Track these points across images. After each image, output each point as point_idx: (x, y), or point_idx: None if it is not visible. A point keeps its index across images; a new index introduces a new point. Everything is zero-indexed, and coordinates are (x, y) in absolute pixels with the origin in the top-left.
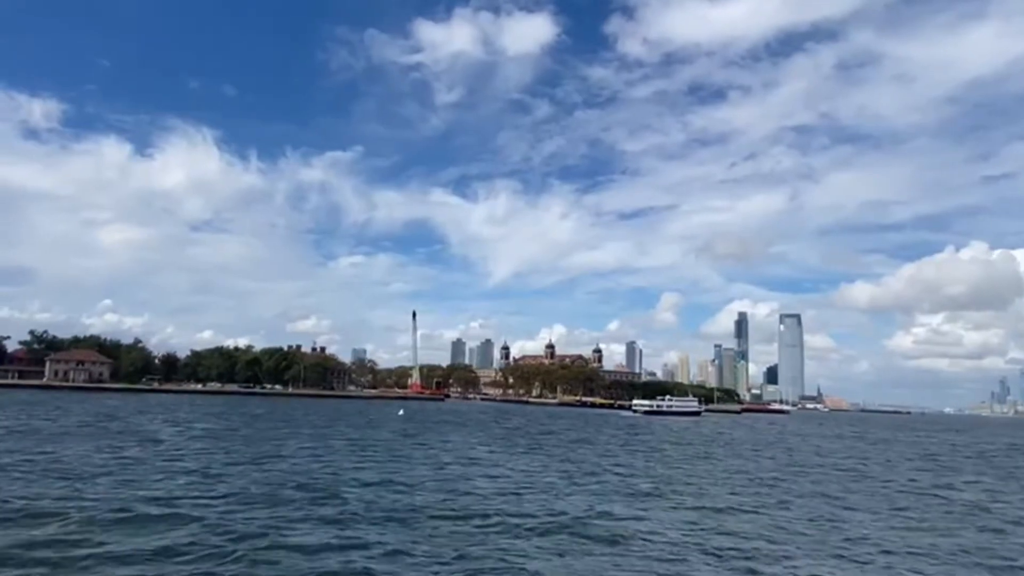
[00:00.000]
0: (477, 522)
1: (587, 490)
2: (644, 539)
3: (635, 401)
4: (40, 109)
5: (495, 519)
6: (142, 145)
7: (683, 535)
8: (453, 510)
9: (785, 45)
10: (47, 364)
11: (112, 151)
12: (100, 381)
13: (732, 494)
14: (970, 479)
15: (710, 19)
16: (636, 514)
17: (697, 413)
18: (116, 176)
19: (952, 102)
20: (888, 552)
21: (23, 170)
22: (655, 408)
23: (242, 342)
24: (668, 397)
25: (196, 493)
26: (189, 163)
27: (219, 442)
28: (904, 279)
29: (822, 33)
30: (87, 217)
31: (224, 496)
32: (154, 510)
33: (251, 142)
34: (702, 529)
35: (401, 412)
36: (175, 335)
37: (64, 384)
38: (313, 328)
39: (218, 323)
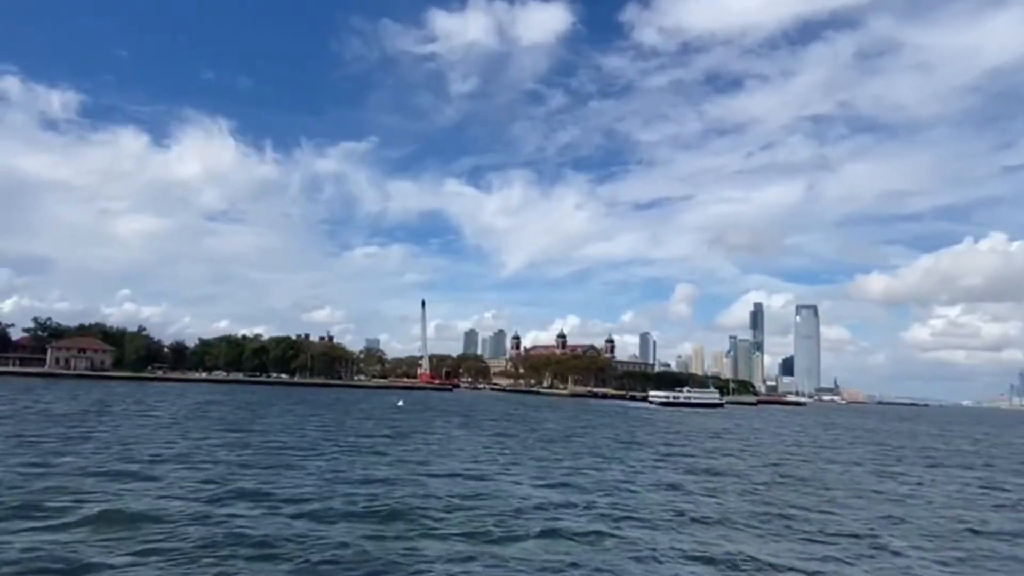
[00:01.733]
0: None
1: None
2: None
3: (651, 392)
4: (58, 100)
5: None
6: (159, 136)
7: None
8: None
9: (803, 33)
10: (48, 352)
11: (129, 142)
12: (103, 369)
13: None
14: None
15: (727, 7)
16: None
17: (719, 405)
18: (133, 166)
19: (973, 91)
20: None
21: (41, 160)
22: (672, 399)
23: (258, 332)
24: (686, 388)
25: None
26: (205, 154)
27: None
28: (921, 270)
29: (841, 21)
30: (104, 207)
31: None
32: None
33: (266, 133)
34: None
35: (401, 403)
36: (192, 324)
37: (65, 372)
38: (327, 318)
39: (234, 313)
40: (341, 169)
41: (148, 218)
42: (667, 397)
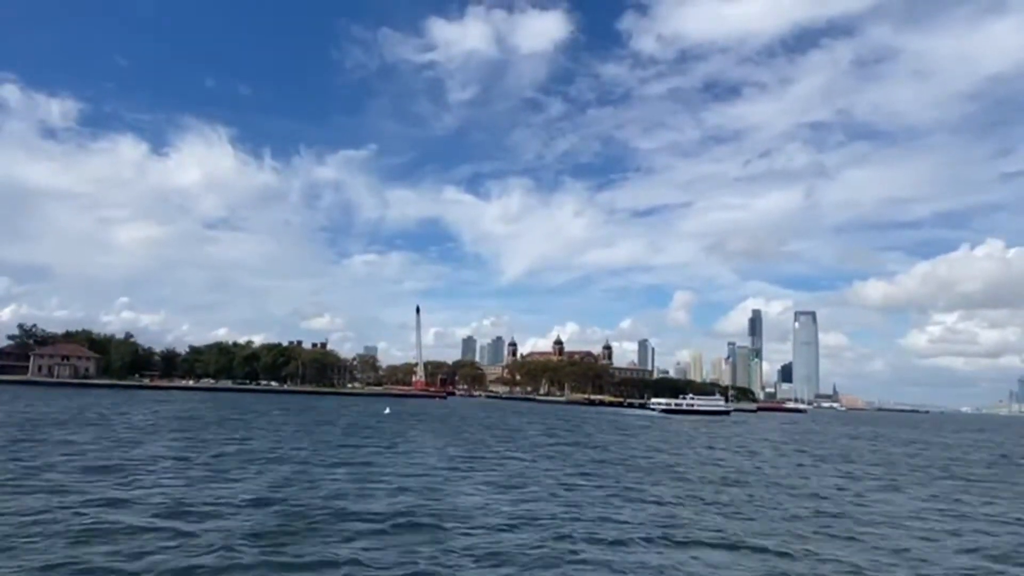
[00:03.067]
0: None
1: None
2: None
3: (653, 399)
4: (58, 108)
5: None
6: (158, 144)
7: None
8: None
9: (801, 41)
10: (31, 359)
11: (129, 150)
12: (86, 377)
13: None
14: None
15: (725, 16)
16: None
17: (726, 412)
18: (133, 174)
19: (971, 98)
20: None
21: (41, 169)
22: (674, 407)
23: (253, 339)
24: (690, 395)
25: None
26: (204, 161)
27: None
28: (918, 277)
29: (839, 29)
30: (104, 215)
31: None
32: None
33: (266, 140)
34: None
35: (387, 411)
36: (191, 332)
37: (47, 380)
38: (327, 325)
39: (233, 320)
40: (340, 177)
41: (147, 226)
42: (668, 404)
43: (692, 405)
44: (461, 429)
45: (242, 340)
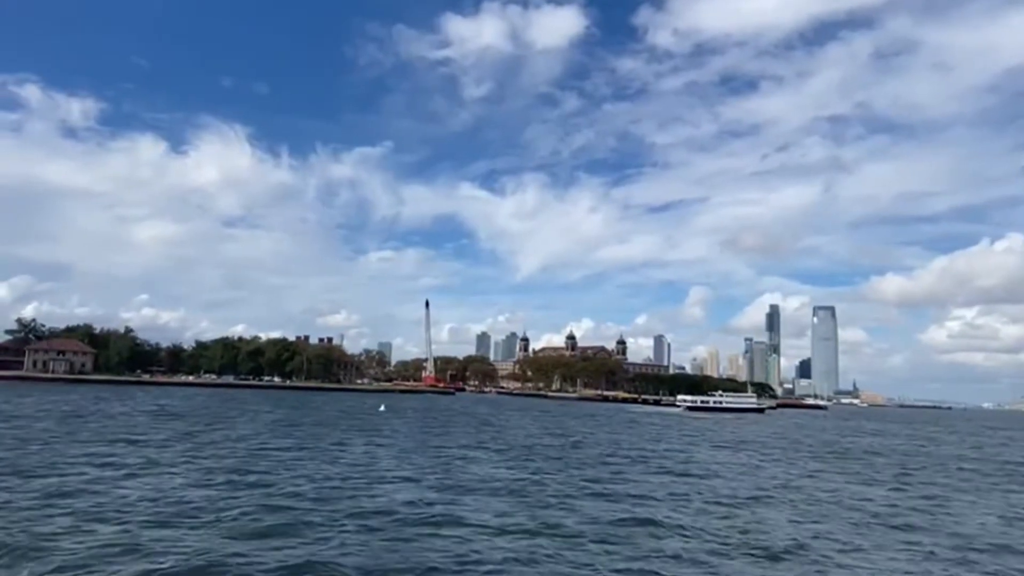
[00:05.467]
0: None
1: None
2: None
3: (678, 396)
4: (78, 108)
5: None
6: (176, 142)
7: None
8: None
9: (819, 34)
10: (26, 354)
11: (147, 149)
12: (82, 372)
13: None
14: None
15: (742, 9)
16: None
17: (758, 410)
18: (151, 173)
19: (991, 90)
20: None
21: (62, 168)
22: (700, 404)
23: (275, 336)
24: (718, 392)
25: None
26: (222, 160)
27: None
28: (937, 272)
29: (858, 21)
30: (123, 214)
31: None
32: None
33: (282, 139)
34: None
35: (383, 408)
36: (209, 329)
37: (41, 376)
38: (343, 322)
39: (251, 317)
40: (356, 174)
41: (166, 224)
42: (695, 402)
43: (720, 402)
44: (448, 427)
45: (262, 337)
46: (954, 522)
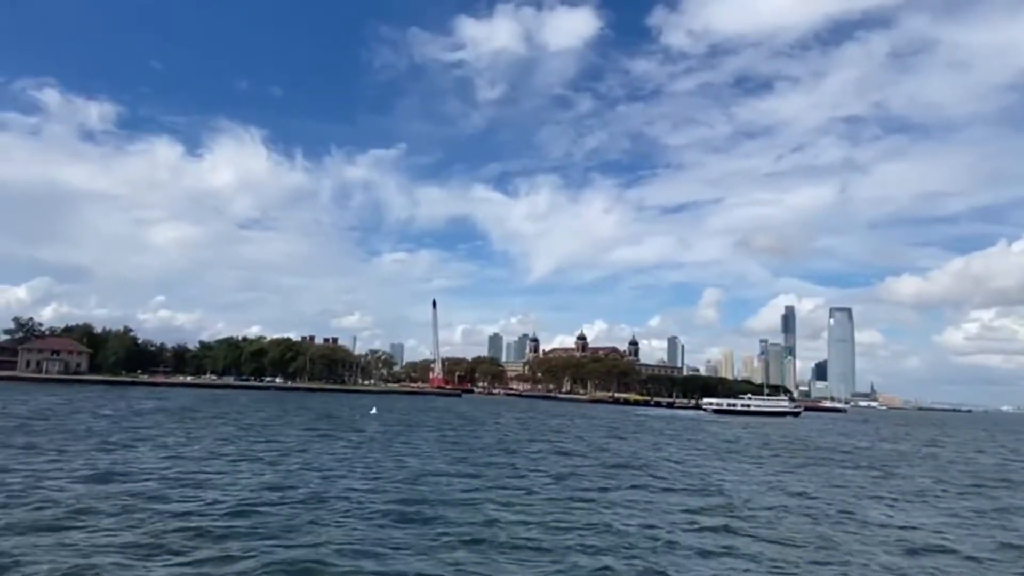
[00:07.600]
0: None
1: None
2: None
3: (705, 400)
4: (96, 111)
5: None
6: (193, 145)
7: None
8: None
9: (835, 34)
10: (20, 354)
11: (164, 152)
12: (77, 372)
13: None
14: None
15: (756, 9)
16: None
17: (793, 414)
18: (168, 176)
19: (1009, 89)
20: None
21: (80, 171)
22: (728, 407)
23: (292, 337)
24: (748, 395)
25: None
26: (238, 162)
27: None
28: (954, 273)
29: (874, 20)
30: (140, 216)
31: None
32: None
33: (297, 141)
34: None
35: (374, 410)
36: (224, 330)
37: (35, 376)
38: (357, 323)
39: (266, 319)
40: (370, 176)
41: (182, 226)
42: (720, 405)
43: (748, 406)
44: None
45: (278, 338)
46: None
